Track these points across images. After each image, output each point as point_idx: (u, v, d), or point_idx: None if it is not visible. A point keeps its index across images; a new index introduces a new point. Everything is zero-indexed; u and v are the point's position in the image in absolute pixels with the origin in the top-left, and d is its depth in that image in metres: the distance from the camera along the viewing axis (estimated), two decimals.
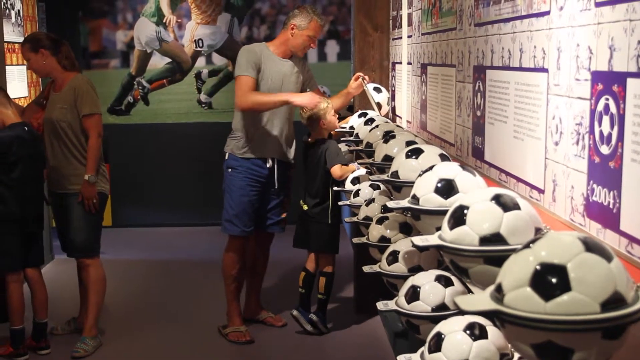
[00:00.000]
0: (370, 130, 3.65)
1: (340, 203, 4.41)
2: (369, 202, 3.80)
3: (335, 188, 4.64)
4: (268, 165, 4.67)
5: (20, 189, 4.34)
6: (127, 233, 7.44)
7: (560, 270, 1.27)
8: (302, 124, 4.71)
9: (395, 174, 2.63)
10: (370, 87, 4.75)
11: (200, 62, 7.69)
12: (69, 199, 4.52)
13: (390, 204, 2.31)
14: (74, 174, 4.51)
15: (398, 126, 3.88)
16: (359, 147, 3.74)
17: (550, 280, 1.27)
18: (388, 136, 3.19)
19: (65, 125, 4.51)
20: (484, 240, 1.72)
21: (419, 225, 2.27)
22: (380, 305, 2.52)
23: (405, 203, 2.25)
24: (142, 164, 7.63)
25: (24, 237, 4.42)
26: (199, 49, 7.61)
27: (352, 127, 4.44)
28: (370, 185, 4.12)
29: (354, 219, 3.87)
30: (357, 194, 4.16)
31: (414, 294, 2.46)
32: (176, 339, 4.83)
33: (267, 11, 7.73)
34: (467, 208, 1.77)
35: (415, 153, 2.62)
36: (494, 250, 1.69)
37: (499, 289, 1.36)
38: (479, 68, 2.80)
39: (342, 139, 4.67)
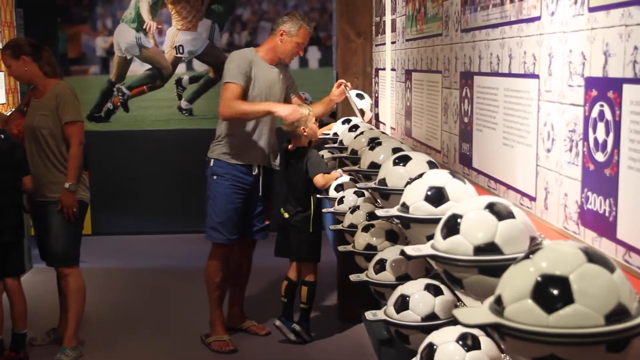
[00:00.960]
0: (355, 137, 3.62)
1: (324, 210, 4.38)
2: (354, 209, 3.78)
3: (318, 196, 4.61)
4: (254, 172, 4.62)
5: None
6: (107, 241, 7.35)
7: (562, 282, 1.24)
8: (283, 130, 4.67)
9: (382, 182, 2.60)
10: (352, 93, 4.72)
11: (181, 68, 7.63)
12: (48, 207, 4.44)
13: (380, 212, 2.27)
14: (53, 181, 4.43)
15: (383, 133, 3.85)
16: (344, 154, 3.71)
17: (552, 292, 1.24)
18: (374, 143, 3.16)
19: (46, 132, 4.44)
20: (478, 250, 1.69)
21: (409, 234, 2.23)
22: (369, 315, 2.48)
23: (394, 211, 2.22)
24: (122, 171, 7.55)
25: (1, 247, 4.33)
26: (179, 55, 7.55)
27: (335, 134, 4.41)
28: (355, 193, 4.10)
29: (339, 226, 3.84)
30: (341, 201, 4.13)
31: (403, 304, 2.43)
32: (158, 348, 4.76)
33: (249, 17, 7.69)
34: (461, 217, 1.74)
35: (403, 160, 2.60)
36: (489, 260, 1.66)
37: (498, 301, 1.33)
38: (466, 74, 2.78)
39: (325, 145, 4.63)
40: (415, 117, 3.69)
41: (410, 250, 1.81)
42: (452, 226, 1.74)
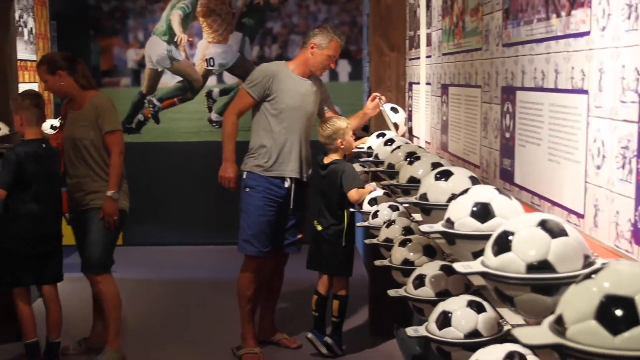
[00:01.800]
0: (392, 152, 3.60)
1: (358, 224, 4.35)
2: (389, 223, 3.75)
3: (351, 209, 4.59)
4: (286, 185, 4.63)
5: (35, 205, 4.33)
6: (138, 252, 7.38)
7: (627, 303, 1.21)
8: (320, 143, 4.67)
9: (424, 197, 2.57)
10: (387, 107, 4.71)
11: (212, 81, 7.67)
12: (89, 214, 4.52)
13: (424, 227, 2.25)
14: (96, 190, 4.51)
15: (420, 147, 3.83)
16: (380, 168, 3.69)
17: (617, 313, 1.21)
18: (412, 157, 3.14)
19: (87, 142, 4.51)
20: (531, 268, 1.66)
21: (454, 250, 2.21)
22: (410, 331, 2.46)
23: (439, 227, 2.19)
24: (152, 182, 7.58)
25: (39, 254, 4.38)
26: (210, 67, 7.59)
27: (370, 148, 4.39)
28: (390, 207, 4.08)
29: (374, 240, 3.82)
30: (375, 215, 4.11)
31: (445, 320, 2.40)
32: (189, 359, 4.76)
33: (279, 30, 7.71)
34: (512, 234, 1.72)
35: (445, 175, 2.57)
36: (543, 279, 1.63)
37: (559, 322, 1.30)
38: (508, 89, 2.76)
39: (360, 159, 4.62)
40: (452, 132, 3.67)
41: (460, 267, 1.79)
42: (503, 243, 1.72)
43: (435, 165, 2.95)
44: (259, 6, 7.55)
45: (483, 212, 2.10)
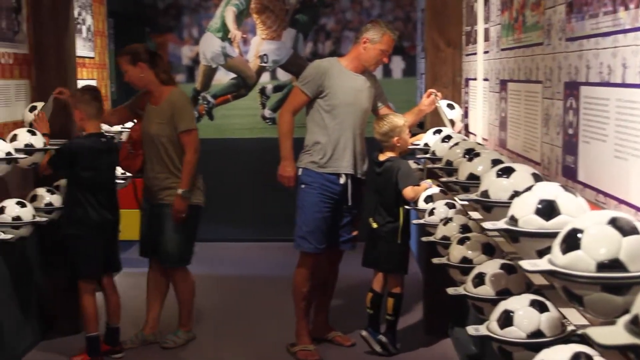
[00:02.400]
0: (450, 148, 3.56)
1: (414, 222, 4.33)
2: (446, 221, 3.72)
3: (406, 207, 4.56)
4: (341, 181, 4.61)
5: (95, 196, 4.42)
6: (195, 247, 7.41)
7: None
8: (375, 139, 4.64)
9: (485, 194, 2.54)
10: (443, 103, 4.66)
11: (265, 77, 7.70)
12: (164, 210, 4.65)
13: (487, 224, 2.22)
14: (170, 186, 4.63)
15: (478, 144, 3.78)
16: (438, 165, 3.65)
17: None
18: (472, 154, 3.10)
19: (164, 140, 4.61)
20: (601, 267, 1.62)
21: (517, 248, 2.17)
22: (471, 330, 2.43)
23: (502, 224, 2.16)
24: (206, 178, 7.58)
25: (101, 242, 4.50)
26: (263, 64, 7.61)
27: (426, 145, 4.36)
28: (446, 204, 4.05)
29: (431, 238, 3.79)
30: (431, 212, 4.08)
31: (507, 319, 2.36)
32: (244, 356, 4.78)
33: (333, 27, 7.70)
34: (581, 232, 1.68)
35: (507, 172, 2.53)
36: (614, 278, 1.59)
37: (635, 322, 1.26)
38: (572, 84, 2.70)
39: (417, 156, 4.58)
40: (511, 128, 3.62)
41: (527, 265, 1.75)
42: (572, 241, 1.68)
43: (495, 162, 2.91)
44: (313, 2, 7.55)
45: (548, 210, 2.06)
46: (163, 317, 5.07)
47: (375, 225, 4.63)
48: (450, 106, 4.70)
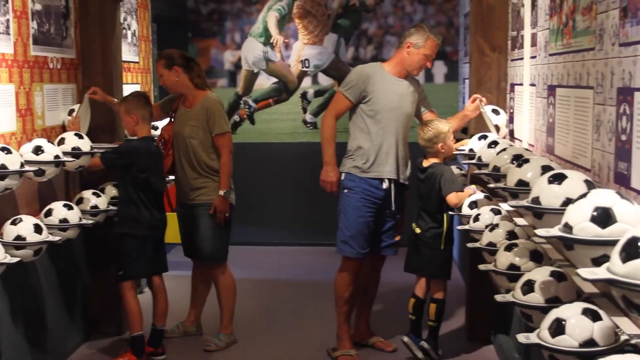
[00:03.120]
0: (497, 154, 3.53)
1: (458, 228, 4.30)
2: (492, 227, 3.69)
3: (450, 213, 4.53)
4: (384, 186, 4.60)
5: (147, 196, 4.54)
6: (233, 251, 7.41)
7: None
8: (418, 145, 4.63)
9: (536, 200, 2.51)
10: (488, 109, 4.63)
11: (307, 82, 7.72)
12: (197, 210, 4.78)
13: (540, 231, 2.20)
14: (201, 186, 4.75)
15: (527, 150, 3.74)
16: (484, 171, 3.63)
17: None
18: (521, 160, 3.07)
19: (196, 142, 4.73)
20: None
21: (571, 255, 2.15)
22: (522, 337, 2.40)
23: (556, 231, 2.14)
24: (247, 183, 7.64)
25: (153, 241, 4.61)
26: (305, 69, 7.63)
27: (471, 150, 4.33)
28: (491, 210, 4.02)
29: (476, 244, 3.76)
30: (476, 218, 4.05)
31: (558, 328, 2.34)
32: (284, 359, 4.78)
33: (374, 32, 7.69)
34: None
35: (558, 178, 2.51)
36: None
37: None
38: (625, 90, 2.66)
39: (463, 162, 4.55)
40: (559, 134, 3.57)
41: (586, 273, 1.73)
42: (632, 250, 1.66)
43: (545, 168, 2.89)
44: (355, 7, 7.55)
45: (604, 217, 2.03)
46: (206, 320, 5.11)
47: (418, 231, 4.61)
48: (495, 111, 4.66)
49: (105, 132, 4.94)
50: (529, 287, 2.77)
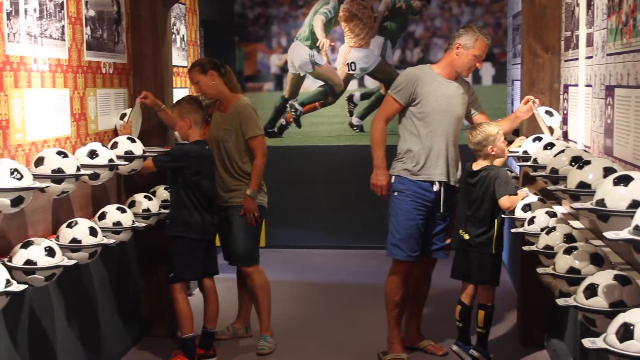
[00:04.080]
0: (554, 156, 3.48)
1: (513, 230, 4.25)
2: (549, 230, 3.63)
3: (502, 216, 4.47)
4: (435, 189, 4.56)
5: (200, 201, 4.59)
6: (280, 254, 7.48)
7: None
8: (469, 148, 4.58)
9: (600, 202, 2.46)
10: (541, 110, 4.56)
11: (353, 85, 7.71)
12: (230, 211, 4.84)
13: (609, 234, 2.15)
14: (235, 188, 4.83)
15: (585, 151, 3.67)
16: (541, 173, 3.57)
17: None
18: (581, 162, 3.01)
19: (229, 145, 4.82)
20: None
21: None
22: (587, 342, 2.35)
23: (625, 234, 2.09)
24: (294, 185, 7.69)
25: (205, 246, 4.65)
26: (351, 72, 7.62)
27: (525, 152, 4.27)
28: (546, 213, 3.96)
29: (532, 247, 3.71)
30: (531, 221, 3.99)
31: (626, 333, 2.28)
32: None
33: (421, 34, 7.65)
34: None
35: (624, 180, 2.45)
36: None
37: None
38: None
39: (518, 164, 4.48)
40: (618, 135, 3.50)
41: None
42: None
43: (607, 170, 2.83)
44: (401, 10, 7.52)
45: None
46: (255, 322, 5.12)
47: (467, 237, 4.55)
48: (549, 113, 4.59)
49: (156, 135, 4.97)
50: (591, 291, 2.71)
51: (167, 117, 4.80)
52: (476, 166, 4.55)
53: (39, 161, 3.50)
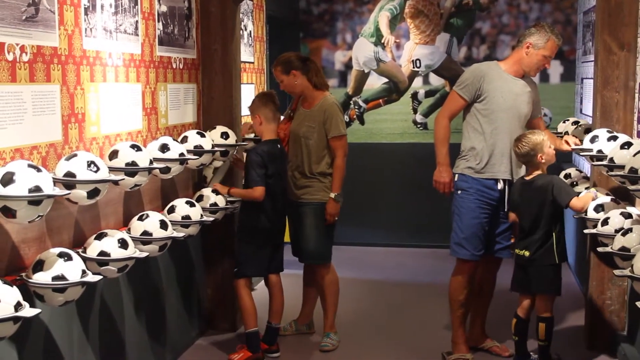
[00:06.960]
0: (634, 155, 3.39)
1: (586, 231, 4.16)
2: (625, 231, 3.55)
3: (574, 216, 4.37)
4: (499, 187, 4.50)
5: (270, 202, 4.57)
6: (343, 251, 7.44)
7: None
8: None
9: None
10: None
11: (417, 82, 7.66)
12: (302, 208, 4.82)
13: None
14: (308, 185, 4.81)
15: None
16: (619, 173, 3.49)
17: None
18: None
19: (310, 142, 4.78)
20: None
21: None
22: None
23: None
24: (357, 182, 7.64)
25: (271, 247, 4.65)
26: (416, 69, 7.57)
27: (599, 151, 4.18)
28: (621, 214, 3.87)
29: (607, 249, 3.63)
30: (605, 222, 3.91)
31: None
32: None
33: (488, 31, 7.55)
34: None
35: None
36: None
37: None
38: None
39: (593, 163, 4.36)
40: None
41: None
42: None
43: None
44: (468, 6, 7.44)
45: None
46: (319, 319, 5.12)
47: (527, 254, 4.35)
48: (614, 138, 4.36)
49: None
50: None
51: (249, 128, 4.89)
52: (528, 177, 4.41)
53: (113, 154, 3.55)
